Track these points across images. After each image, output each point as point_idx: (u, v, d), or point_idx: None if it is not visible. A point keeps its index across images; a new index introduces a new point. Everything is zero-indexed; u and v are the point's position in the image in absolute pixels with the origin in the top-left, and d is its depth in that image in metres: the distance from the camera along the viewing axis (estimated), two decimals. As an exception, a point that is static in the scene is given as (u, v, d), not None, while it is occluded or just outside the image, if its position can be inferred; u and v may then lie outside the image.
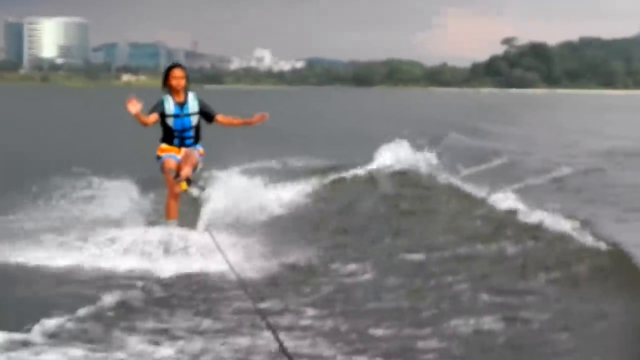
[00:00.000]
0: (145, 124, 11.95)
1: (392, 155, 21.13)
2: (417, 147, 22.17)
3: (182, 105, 12.39)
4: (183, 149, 12.54)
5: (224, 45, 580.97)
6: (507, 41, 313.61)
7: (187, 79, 12.49)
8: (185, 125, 12.45)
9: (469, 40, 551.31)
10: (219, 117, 12.64)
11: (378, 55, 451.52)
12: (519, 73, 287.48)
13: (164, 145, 12.61)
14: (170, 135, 12.54)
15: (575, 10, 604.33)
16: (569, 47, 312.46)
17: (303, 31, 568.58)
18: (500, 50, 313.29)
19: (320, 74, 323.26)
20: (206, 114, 12.61)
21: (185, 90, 12.47)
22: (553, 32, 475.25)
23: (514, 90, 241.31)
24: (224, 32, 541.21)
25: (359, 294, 9.51)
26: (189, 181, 12.10)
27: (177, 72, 12.40)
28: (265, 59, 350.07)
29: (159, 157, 12.55)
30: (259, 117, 12.59)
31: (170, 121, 12.39)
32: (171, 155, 12.48)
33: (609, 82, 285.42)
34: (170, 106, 12.36)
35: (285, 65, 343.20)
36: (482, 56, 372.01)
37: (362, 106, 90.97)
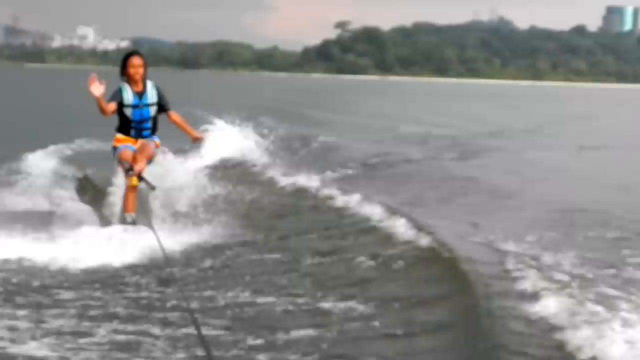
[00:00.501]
0: (104, 112, 11.77)
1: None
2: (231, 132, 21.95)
3: (140, 94, 12.24)
4: (139, 140, 12.39)
5: (47, 22, 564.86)
6: (340, 25, 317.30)
7: (145, 66, 12.32)
8: (144, 115, 12.32)
9: (302, 23, 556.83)
10: (172, 114, 12.58)
11: (207, 36, 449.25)
12: (352, 58, 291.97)
13: (119, 136, 12.45)
14: (127, 126, 12.37)
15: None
16: (402, 33, 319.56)
17: (128, 9, 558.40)
18: (333, 34, 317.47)
19: (147, 55, 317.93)
20: (161, 106, 12.45)
21: (144, 79, 12.27)
22: (387, 17, 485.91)
23: (345, 76, 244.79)
24: (47, 7, 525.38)
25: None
26: (140, 178, 11.94)
27: (135, 61, 12.19)
28: (89, 37, 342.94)
29: (114, 148, 12.40)
30: (198, 138, 12.98)
31: (128, 111, 12.23)
32: (127, 145, 12.32)
33: (442, 69, 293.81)
34: (128, 96, 12.17)
35: (110, 45, 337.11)
36: (315, 40, 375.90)
37: (186, 89, 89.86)
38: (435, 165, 21.83)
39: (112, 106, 11.98)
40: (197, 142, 13.22)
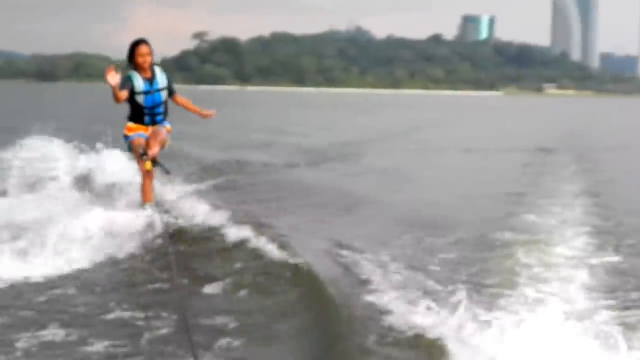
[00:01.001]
0: (118, 99, 11.85)
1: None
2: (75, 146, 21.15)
3: (150, 80, 12.44)
4: (151, 127, 12.60)
5: None
6: (198, 35, 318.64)
7: (152, 53, 12.44)
8: (156, 101, 12.55)
9: (159, 34, 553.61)
10: (177, 97, 12.87)
11: (63, 48, 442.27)
12: (210, 69, 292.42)
13: (131, 124, 12.61)
14: (140, 113, 12.56)
15: (266, 4, 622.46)
16: (260, 43, 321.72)
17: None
18: (191, 44, 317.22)
19: (2, 67, 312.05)
20: (169, 90, 12.72)
21: (151, 66, 12.45)
22: (245, 27, 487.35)
23: (204, 87, 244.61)
24: None
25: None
26: (155, 162, 12.19)
27: (142, 49, 12.32)
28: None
29: (126, 137, 12.58)
30: (209, 113, 13.26)
31: (140, 98, 12.41)
32: (140, 133, 12.50)
33: (301, 79, 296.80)
34: (139, 83, 12.33)
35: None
36: (173, 51, 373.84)
37: (39, 103, 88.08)
38: (292, 174, 21.65)
39: (125, 94, 12.02)
40: (207, 117, 13.36)
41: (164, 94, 12.60)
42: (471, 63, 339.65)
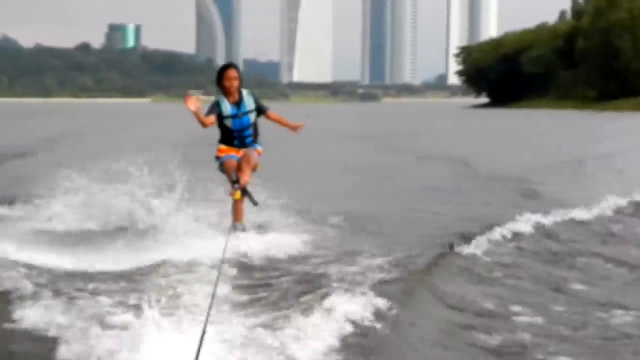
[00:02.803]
0: (204, 124, 11.98)
1: None
2: None
3: (238, 104, 12.37)
4: (242, 150, 12.50)
5: None
6: None
7: (241, 78, 12.40)
8: (244, 124, 12.46)
9: None
10: (270, 113, 12.75)
11: None
12: None
13: (223, 147, 12.53)
14: (229, 137, 12.51)
15: None
16: None
17: None
18: None
19: None
20: (259, 109, 12.60)
21: (239, 89, 12.34)
22: None
23: None
24: None
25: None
26: (245, 192, 12.13)
27: (231, 74, 12.30)
28: None
29: (218, 158, 12.52)
30: (298, 127, 13.01)
31: (228, 122, 12.38)
32: (231, 155, 12.41)
33: None
34: (227, 107, 12.31)
35: None
36: None
37: None
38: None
39: (212, 119, 12.18)
40: (298, 130, 13.16)
41: (252, 117, 12.50)
42: (120, 71, 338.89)
